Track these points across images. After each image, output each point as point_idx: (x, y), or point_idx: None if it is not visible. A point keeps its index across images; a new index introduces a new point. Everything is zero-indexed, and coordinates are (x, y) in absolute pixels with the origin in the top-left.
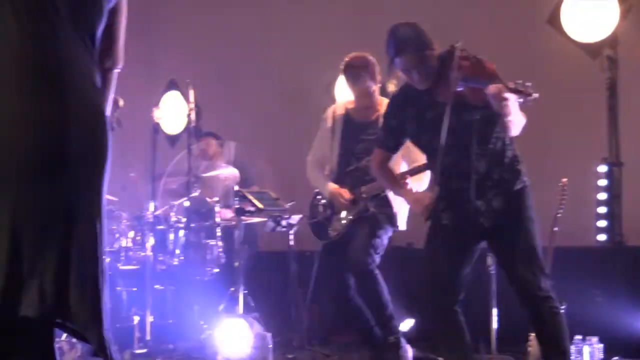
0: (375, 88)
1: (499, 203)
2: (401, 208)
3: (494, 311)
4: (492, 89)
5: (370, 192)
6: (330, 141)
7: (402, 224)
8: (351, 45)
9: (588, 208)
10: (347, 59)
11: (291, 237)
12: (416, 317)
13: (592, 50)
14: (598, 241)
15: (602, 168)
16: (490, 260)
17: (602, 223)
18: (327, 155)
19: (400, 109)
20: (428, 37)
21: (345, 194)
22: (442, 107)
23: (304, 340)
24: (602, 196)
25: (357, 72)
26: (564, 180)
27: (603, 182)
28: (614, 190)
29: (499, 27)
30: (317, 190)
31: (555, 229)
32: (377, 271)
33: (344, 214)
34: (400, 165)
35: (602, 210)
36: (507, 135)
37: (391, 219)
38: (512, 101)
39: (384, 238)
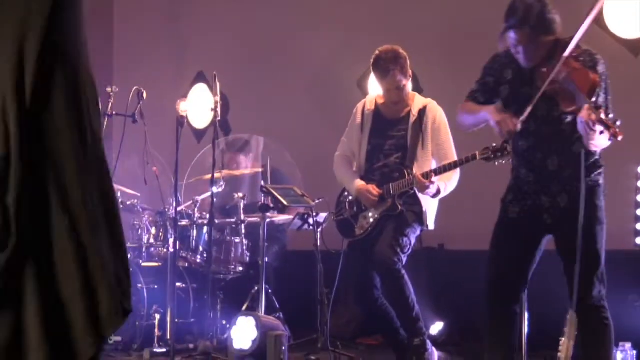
0: (406, 82)
1: (564, 200)
2: (430, 206)
3: (526, 315)
4: (583, 114)
5: (398, 190)
6: (359, 136)
7: (430, 223)
8: (384, 38)
9: (627, 210)
10: (377, 52)
11: (318, 235)
12: (445, 320)
13: (634, 46)
14: (637, 244)
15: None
16: None
17: None
18: (356, 151)
19: (501, 70)
20: (551, 21)
21: (374, 189)
22: (537, 91)
23: (328, 341)
24: None
25: (386, 66)
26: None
27: None
28: None
29: None
30: (344, 187)
31: None
32: (403, 271)
33: (370, 211)
34: (430, 162)
35: None
36: None
37: (420, 217)
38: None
39: (412, 237)
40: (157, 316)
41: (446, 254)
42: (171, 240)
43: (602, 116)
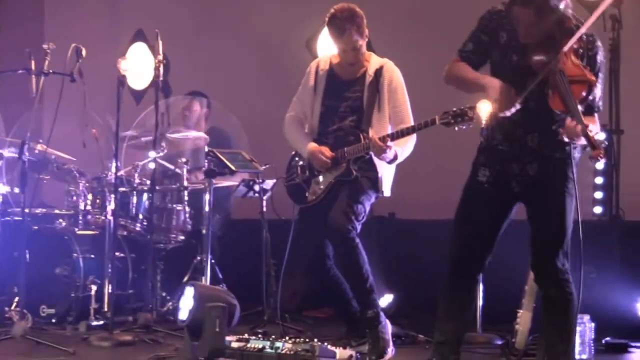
0: (363, 43)
1: (533, 168)
2: (386, 172)
3: (480, 287)
4: (569, 123)
5: (353, 154)
6: (312, 98)
7: (386, 190)
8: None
9: (585, 178)
10: (332, 10)
11: (264, 203)
12: (395, 292)
13: (593, 7)
14: (594, 214)
15: (601, 136)
16: None
17: (599, 195)
18: (308, 113)
19: (496, 29)
20: (557, 4)
21: (326, 151)
22: (528, 66)
23: (275, 314)
24: (599, 166)
25: (342, 25)
26: None
27: None
28: (612, 159)
29: None
30: (295, 150)
31: None
32: (357, 240)
33: (323, 176)
34: (387, 126)
35: (599, 180)
36: None
37: (375, 183)
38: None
39: (367, 204)
40: (94, 287)
41: (397, 223)
42: (109, 207)
43: (589, 132)
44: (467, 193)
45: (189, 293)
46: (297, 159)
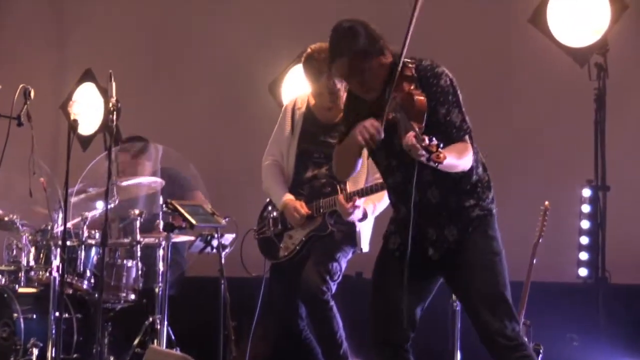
0: (341, 87)
1: (452, 233)
2: (364, 225)
3: (458, 355)
4: (405, 137)
5: (328, 207)
6: (288, 140)
7: (365, 245)
8: (304, 35)
9: (569, 237)
10: (308, 50)
11: (223, 259)
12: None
13: (579, 55)
14: (579, 276)
15: (586, 192)
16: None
17: (584, 255)
18: (285, 156)
19: (357, 105)
20: (376, 40)
21: (302, 208)
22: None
23: None
24: (585, 224)
25: (320, 67)
26: (546, 203)
27: (587, 208)
28: (597, 218)
29: (474, 23)
30: (268, 199)
31: (534, 260)
32: (332, 302)
33: (297, 231)
34: (364, 175)
35: (585, 240)
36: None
37: (352, 238)
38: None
39: (343, 262)
40: (35, 351)
41: (365, 283)
42: (55, 263)
43: (424, 143)
44: (377, 265)
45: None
46: (270, 208)
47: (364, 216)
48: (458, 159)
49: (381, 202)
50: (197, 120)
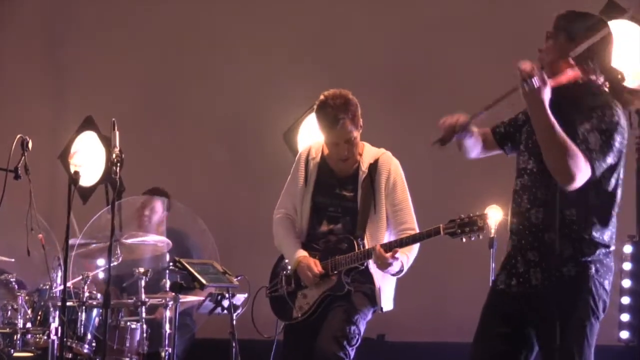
0: (357, 135)
1: (538, 276)
2: (385, 283)
3: None
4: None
5: (346, 265)
6: (301, 192)
7: (387, 304)
8: (320, 79)
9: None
10: (322, 96)
11: (234, 321)
12: None
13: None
14: (620, 339)
15: (628, 248)
16: None
17: (626, 317)
18: (298, 209)
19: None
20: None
21: (316, 267)
22: None
23: None
24: (627, 283)
25: (335, 114)
26: None
27: (628, 266)
28: None
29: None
30: (281, 254)
31: None
32: None
33: (311, 290)
34: (384, 230)
35: (626, 300)
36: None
37: (372, 298)
38: None
39: (362, 325)
40: None
41: (387, 346)
42: (53, 325)
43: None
44: (483, 310)
45: None
46: (283, 263)
47: (400, 270)
48: (561, 133)
49: (411, 253)
50: (204, 172)
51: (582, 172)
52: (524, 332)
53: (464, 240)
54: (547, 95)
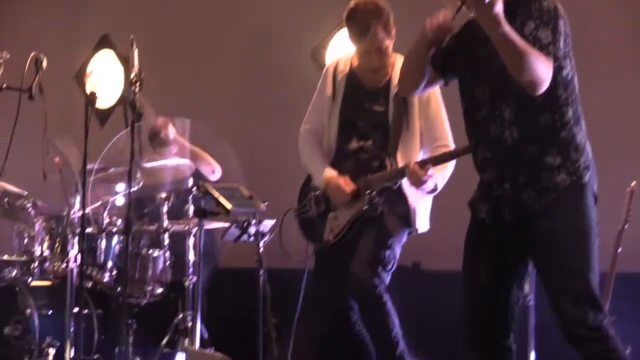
0: (389, 44)
1: (530, 196)
2: (420, 203)
3: (532, 355)
4: None
5: (378, 184)
6: (329, 107)
7: (422, 225)
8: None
9: None
10: (352, 3)
11: (261, 248)
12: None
13: None
14: None
15: None
16: (527, 287)
17: None
18: (325, 125)
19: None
20: None
21: (347, 185)
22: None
23: None
24: None
25: (366, 21)
26: (633, 184)
27: None
28: None
29: None
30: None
31: (619, 249)
32: (386, 296)
33: (342, 211)
34: (417, 147)
35: None
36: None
37: (406, 219)
38: None
39: (397, 248)
40: (52, 351)
41: (423, 275)
42: (72, 253)
43: None
44: (467, 240)
45: None
46: (312, 183)
47: (435, 188)
48: (521, 41)
49: (445, 173)
50: (228, 93)
51: (549, 71)
52: (516, 260)
53: None
54: (500, 7)
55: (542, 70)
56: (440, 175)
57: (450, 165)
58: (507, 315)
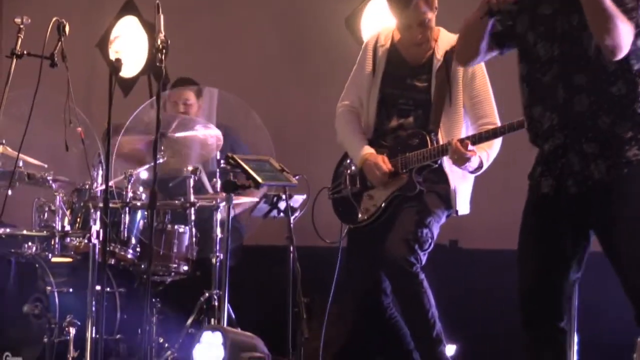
0: (432, 17)
1: (600, 170)
2: (461, 183)
3: (575, 338)
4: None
5: (417, 162)
6: (368, 82)
7: (462, 207)
8: None
9: None
10: None
11: (291, 225)
12: (459, 342)
13: None
14: None
15: None
16: None
17: None
18: (364, 102)
19: None
20: None
21: (384, 164)
22: None
23: None
24: None
25: None
26: None
27: None
28: None
29: None
30: (345, 152)
31: None
32: (422, 275)
33: (378, 190)
34: (461, 124)
35: None
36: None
37: (446, 199)
38: None
39: (435, 228)
40: (72, 330)
41: (461, 253)
42: (94, 228)
43: None
44: (525, 216)
45: (211, 340)
46: (347, 161)
47: (479, 166)
48: (610, 1)
49: (492, 149)
50: (257, 62)
51: (630, 37)
52: (577, 238)
53: None
54: None
55: (626, 35)
56: (485, 154)
57: (497, 143)
58: (564, 297)
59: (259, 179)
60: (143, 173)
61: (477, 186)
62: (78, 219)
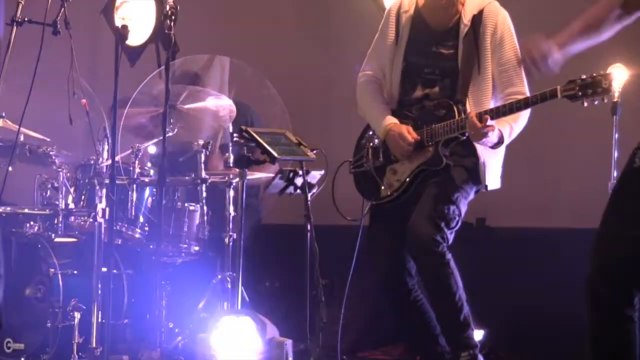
0: None
1: None
2: (491, 157)
3: None
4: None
5: (444, 135)
6: (392, 51)
7: (492, 182)
8: None
9: None
10: None
11: (309, 203)
12: (487, 326)
13: None
14: None
15: None
16: None
17: None
18: (387, 71)
19: None
20: None
21: (409, 134)
22: None
23: (323, 354)
24: None
25: None
26: None
27: None
28: None
29: None
30: (368, 124)
31: None
32: (449, 255)
33: (403, 164)
34: (490, 93)
35: None
36: None
37: (474, 174)
38: None
39: (463, 205)
40: (77, 315)
41: (488, 232)
42: (100, 206)
43: None
44: (617, 187)
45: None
46: (370, 133)
47: (500, 141)
48: None
49: (517, 123)
50: (272, 29)
51: None
52: None
53: (585, 104)
54: None
55: None
56: (508, 128)
57: (524, 116)
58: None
59: (275, 154)
60: (151, 147)
61: (509, 159)
62: (83, 197)
